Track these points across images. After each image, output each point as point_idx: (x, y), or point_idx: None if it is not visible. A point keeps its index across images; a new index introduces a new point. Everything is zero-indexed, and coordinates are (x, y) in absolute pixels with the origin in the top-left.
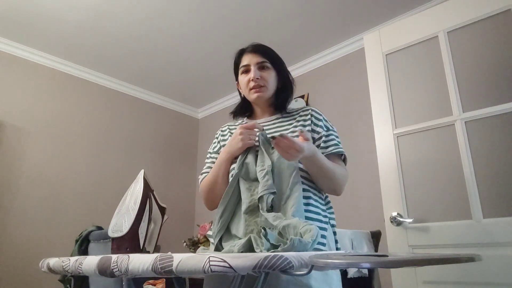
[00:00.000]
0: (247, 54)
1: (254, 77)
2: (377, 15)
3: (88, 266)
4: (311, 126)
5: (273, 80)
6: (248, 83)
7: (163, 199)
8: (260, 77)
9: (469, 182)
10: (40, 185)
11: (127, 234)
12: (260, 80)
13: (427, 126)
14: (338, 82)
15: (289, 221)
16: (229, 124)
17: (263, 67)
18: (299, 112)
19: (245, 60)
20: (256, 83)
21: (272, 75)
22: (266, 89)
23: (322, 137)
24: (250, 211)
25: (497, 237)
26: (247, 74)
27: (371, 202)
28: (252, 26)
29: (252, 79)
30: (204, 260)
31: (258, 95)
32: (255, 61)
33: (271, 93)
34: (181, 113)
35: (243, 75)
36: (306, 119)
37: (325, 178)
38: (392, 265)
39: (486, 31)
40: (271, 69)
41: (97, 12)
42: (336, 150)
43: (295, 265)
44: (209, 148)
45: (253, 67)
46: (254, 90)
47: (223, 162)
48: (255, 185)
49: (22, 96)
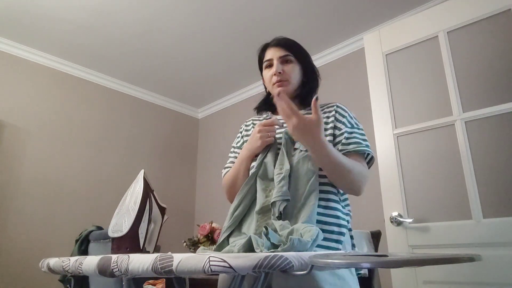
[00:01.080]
0: (270, 48)
1: (276, 71)
2: (377, 15)
3: (88, 266)
4: (334, 122)
5: (297, 74)
6: (271, 78)
7: (163, 199)
8: (282, 71)
9: (469, 182)
10: (40, 185)
11: (127, 234)
12: (283, 74)
13: (427, 126)
14: (338, 82)
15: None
16: (253, 119)
17: (286, 60)
18: (324, 108)
19: (268, 55)
20: (278, 78)
21: (296, 69)
22: (289, 83)
23: (344, 134)
24: (263, 212)
25: (497, 237)
26: (270, 68)
27: (371, 202)
28: (252, 26)
29: (275, 74)
30: (204, 260)
31: (281, 89)
32: (278, 55)
33: (295, 87)
34: (181, 113)
35: (267, 69)
36: (329, 116)
37: (339, 174)
38: (392, 265)
39: (486, 31)
40: (295, 62)
41: (97, 12)
42: (358, 148)
43: (295, 265)
44: (233, 143)
45: (276, 62)
46: (277, 85)
47: (244, 160)
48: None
49: (22, 96)
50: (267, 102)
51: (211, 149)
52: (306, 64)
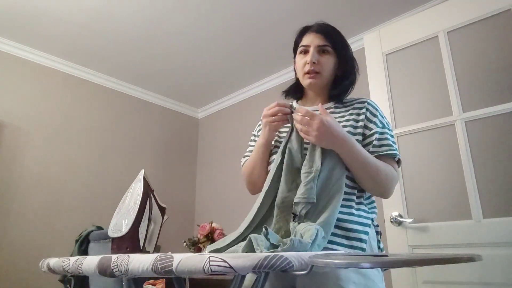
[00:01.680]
0: (309, 33)
1: (310, 60)
2: (377, 15)
3: (88, 266)
4: (364, 121)
5: (331, 67)
6: (303, 66)
7: (163, 199)
8: (317, 62)
9: (469, 182)
10: (40, 185)
11: (127, 234)
12: (317, 65)
13: (427, 126)
14: None
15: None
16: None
17: (323, 50)
18: (353, 104)
19: (306, 40)
20: (311, 68)
21: (331, 61)
22: (321, 76)
23: (375, 134)
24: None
25: (497, 237)
26: (305, 55)
27: None
28: (252, 27)
29: (308, 62)
30: (204, 260)
31: (311, 81)
32: (316, 43)
33: (327, 80)
34: (181, 113)
35: (301, 55)
36: (360, 113)
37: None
38: (392, 265)
39: (486, 31)
40: (332, 54)
41: (98, 13)
42: (390, 152)
43: (295, 265)
44: (254, 130)
45: (312, 49)
46: (308, 75)
47: (260, 146)
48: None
49: (22, 96)
50: (297, 88)
51: (211, 149)
52: (345, 58)
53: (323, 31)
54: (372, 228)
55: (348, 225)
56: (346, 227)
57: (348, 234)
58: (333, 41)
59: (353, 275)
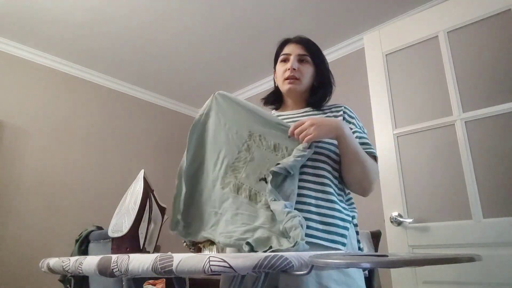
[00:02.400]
0: (290, 44)
1: (291, 66)
2: (377, 15)
3: (88, 266)
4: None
5: (310, 76)
6: (284, 72)
7: (163, 199)
8: (297, 69)
9: (469, 182)
10: (40, 185)
11: (127, 234)
12: (297, 71)
13: (427, 126)
14: (338, 82)
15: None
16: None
17: (303, 60)
18: (331, 108)
19: (287, 49)
20: (291, 74)
21: (310, 70)
22: (300, 82)
23: (356, 133)
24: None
25: (497, 237)
26: (285, 63)
27: (371, 202)
28: (252, 27)
29: (289, 69)
30: (204, 260)
31: (291, 87)
32: (297, 52)
33: (304, 88)
34: (181, 113)
35: (282, 63)
36: (337, 115)
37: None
38: (392, 265)
39: (486, 31)
40: (311, 64)
41: (97, 13)
42: (370, 150)
43: (295, 265)
44: None
45: (293, 57)
46: (288, 81)
47: None
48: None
49: (22, 96)
50: (275, 96)
51: None
52: (322, 69)
53: (303, 42)
54: (352, 226)
55: (330, 219)
56: (328, 221)
57: (329, 228)
58: (312, 52)
59: (334, 273)
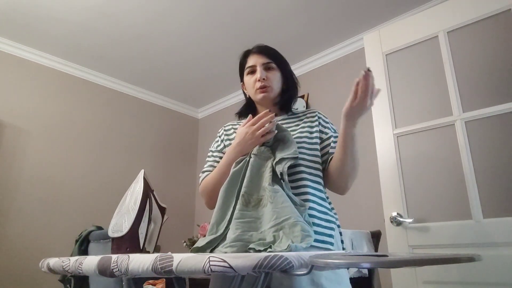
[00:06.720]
0: (252, 55)
1: (260, 77)
2: (377, 15)
3: (88, 266)
4: (318, 127)
5: (278, 81)
6: (254, 84)
7: (163, 199)
8: (266, 78)
9: (469, 182)
10: (40, 185)
11: (127, 234)
12: (266, 80)
13: (427, 126)
14: (338, 82)
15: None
16: (232, 123)
17: (268, 67)
18: (306, 114)
19: (250, 61)
20: (262, 84)
21: (277, 76)
22: (272, 89)
23: (332, 137)
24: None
25: (497, 237)
26: (253, 75)
27: (371, 202)
28: (252, 26)
29: (259, 80)
30: (204, 260)
31: (264, 95)
32: (261, 62)
33: (276, 93)
34: (181, 113)
35: (249, 75)
36: (313, 121)
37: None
38: (392, 265)
39: (486, 31)
40: (276, 69)
41: (98, 13)
42: None
43: (295, 265)
44: (211, 147)
45: (259, 68)
46: (260, 90)
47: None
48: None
49: (22, 96)
50: (249, 108)
51: None
52: (286, 72)
53: (265, 51)
54: (337, 227)
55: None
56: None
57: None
58: (275, 58)
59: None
